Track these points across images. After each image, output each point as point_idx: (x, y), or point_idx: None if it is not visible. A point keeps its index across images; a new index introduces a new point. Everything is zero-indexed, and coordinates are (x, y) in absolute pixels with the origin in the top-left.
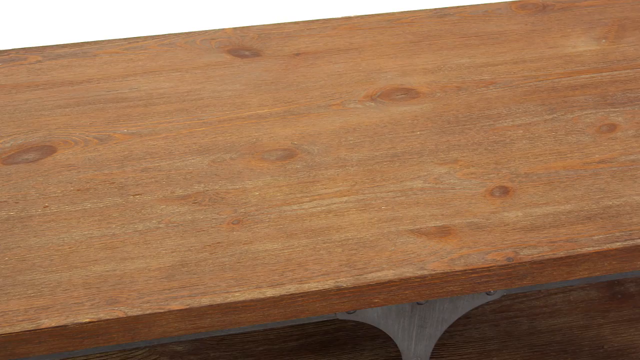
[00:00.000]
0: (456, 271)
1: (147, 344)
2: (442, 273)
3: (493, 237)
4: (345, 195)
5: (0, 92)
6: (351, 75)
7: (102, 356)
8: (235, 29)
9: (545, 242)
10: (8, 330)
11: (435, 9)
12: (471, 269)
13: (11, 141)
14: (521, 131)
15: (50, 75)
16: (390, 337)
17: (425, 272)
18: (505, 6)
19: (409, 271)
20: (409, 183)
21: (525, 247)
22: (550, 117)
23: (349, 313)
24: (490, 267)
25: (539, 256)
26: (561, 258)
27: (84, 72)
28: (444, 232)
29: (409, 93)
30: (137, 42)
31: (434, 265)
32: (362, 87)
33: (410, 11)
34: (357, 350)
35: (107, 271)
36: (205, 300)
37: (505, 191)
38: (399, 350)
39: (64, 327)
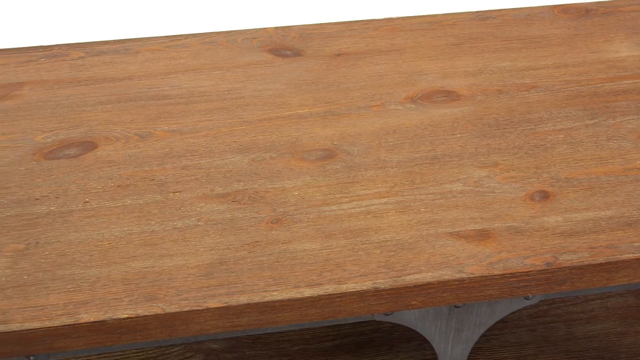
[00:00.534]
0: (495, 275)
1: (183, 341)
2: (481, 277)
3: (532, 242)
4: (384, 197)
5: (43, 88)
6: (392, 77)
7: (138, 352)
8: (276, 28)
9: (585, 247)
10: (47, 324)
11: (477, 12)
12: (510, 273)
13: (53, 136)
14: (562, 136)
15: (92, 71)
16: (425, 340)
17: (464, 276)
18: (547, 10)
19: (447, 274)
20: (449, 186)
21: (565, 253)
22: (592, 122)
23: (386, 315)
24: (529, 271)
25: (579, 262)
26: (601, 264)
27: (126, 69)
28: (483, 235)
29: (450, 95)
30: (179, 39)
31: (473, 269)
32: (402, 89)
33: (452, 13)
34: (392, 352)
35: (146, 267)
36: (243, 299)
37: (545, 196)
38: (435, 353)
39: (103, 322)
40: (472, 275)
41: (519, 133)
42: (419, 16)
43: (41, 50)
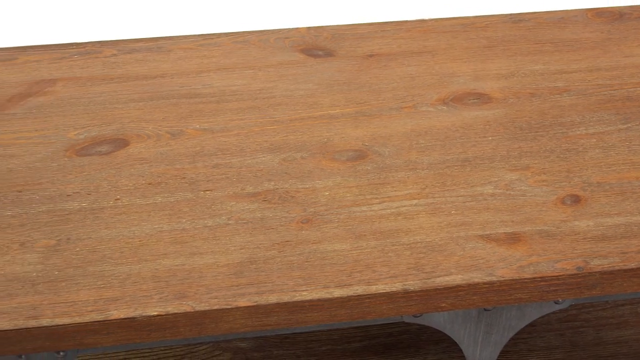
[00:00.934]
0: (525, 279)
1: (212, 339)
2: (511, 280)
3: (563, 246)
4: (415, 198)
5: (76, 84)
6: (424, 78)
7: (166, 349)
8: (309, 28)
9: (616, 252)
10: (77, 320)
11: (510, 14)
12: (540, 277)
13: (85, 133)
14: (594, 140)
15: (124, 69)
16: (454, 342)
17: (494, 279)
18: (581, 13)
19: (477, 277)
20: (480, 188)
21: (596, 257)
22: (625, 126)
23: (415, 316)
24: (560, 275)
25: (610, 267)
26: (632, 269)
27: (158, 67)
28: (513, 238)
29: (482, 98)
30: (211, 38)
31: (503, 272)
32: (434, 91)
33: (485, 16)
34: (420, 354)
35: (176, 265)
36: (273, 298)
37: (576, 200)
38: (463, 356)
39: (133, 319)
40: (502, 279)
41: (551, 136)
42: (452, 18)
43: (74, 47)
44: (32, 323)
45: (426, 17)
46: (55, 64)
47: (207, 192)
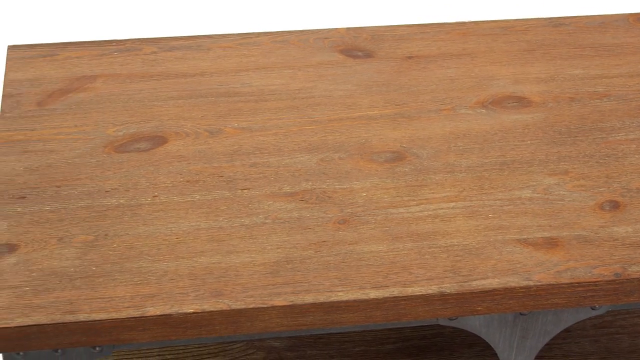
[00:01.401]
0: (562, 284)
1: (245, 338)
2: (548, 285)
3: (601, 252)
4: (452, 201)
5: (115, 81)
6: (463, 81)
7: (200, 347)
8: (348, 29)
9: None
10: (114, 315)
11: (551, 18)
12: (577, 283)
13: (124, 130)
14: (634, 146)
15: (164, 66)
16: (487, 346)
17: (531, 283)
18: (622, 18)
19: (514, 281)
20: (518, 192)
21: (634, 264)
22: None
23: (450, 319)
24: (597, 281)
25: None
26: None
27: (198, 65)
28: (551, 243)
29: (521, 102)
30: (251, 37)
31: (540, 277)
32: (473, 93)
33: (525, 19)
34: (454, 357)
35: (213, 263)
36: (309, 298)
37: (615, 205)
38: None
39: (169, 316)
40: (539, 283)
41: (590, 142)
42: (492, 21)
43: (115, 44)
44: (69, 318)
45: (466, 20)
46: (95, 61)
47: (245, 190)
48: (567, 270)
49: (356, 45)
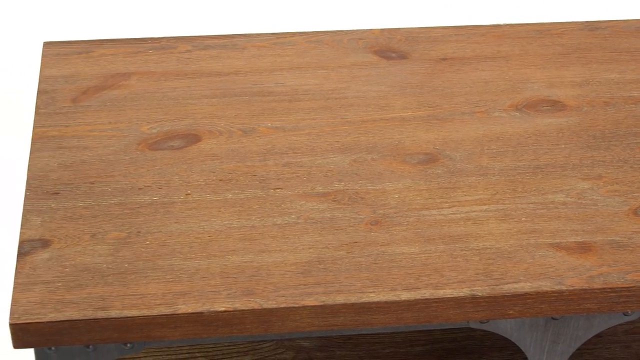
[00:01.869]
0: (595, 289)
1: (275, 337)
2: (580, 290)
3: (635, 257)
4: (485, 204)
5: (150, 79)
6: (497, 84)
7: (230, 345)
8: (382, 30)
9: None
10: (146, 312)
11: (587, 22)
12: (610, 288)
13: (158, 127)
14: None
15: (198, 65)
16: (517, 350)
17: (563, 288)
18: None
19: (546, 285)
20: (551, 196)
21: None
22: None
23: (481, 322)
24: (630, 287)
25: None
26: None
27: (232, 64)
28: (584, 248)
29: (556, 105)
30: (285, 37)
31: (572, 281)
32: (507, 96)
33: (561, 23)
34: None
35: (245, 262)
36: (340, 299)
37: None
38: None
39: (200, 314)
40: (571, 288)
41: (625, 146)
42: (527, 24)
43: (150, 42)
44: (101, 314)
45: (501, 22)
46: (130, 58)
47: (277, 190)
48: (600, 276)
49: (390, 47)
